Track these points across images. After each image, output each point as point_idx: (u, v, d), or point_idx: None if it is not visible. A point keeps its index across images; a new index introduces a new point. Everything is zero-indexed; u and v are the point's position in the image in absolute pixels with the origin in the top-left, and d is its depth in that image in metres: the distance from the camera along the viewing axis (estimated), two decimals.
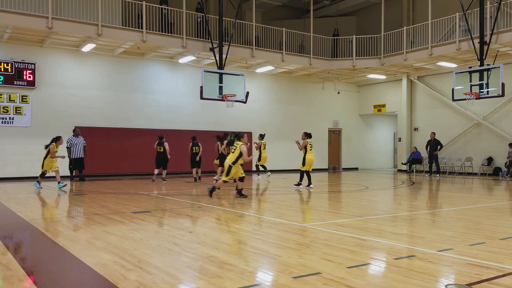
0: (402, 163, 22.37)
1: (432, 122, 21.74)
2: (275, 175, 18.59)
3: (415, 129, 22.84)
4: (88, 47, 16.75)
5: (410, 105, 22.91)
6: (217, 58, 16.99)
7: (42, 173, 12.89)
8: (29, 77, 16.44)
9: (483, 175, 19.33)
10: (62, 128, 16.51)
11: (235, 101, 16.48)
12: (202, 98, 16.07)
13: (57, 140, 12.98)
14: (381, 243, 5.67)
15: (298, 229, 6.73)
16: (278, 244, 5.71)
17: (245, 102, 17.08)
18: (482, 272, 4.31)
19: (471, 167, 19.95)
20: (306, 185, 13.37)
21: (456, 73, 16.99)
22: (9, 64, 16.12)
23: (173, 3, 18.49)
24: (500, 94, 15.57)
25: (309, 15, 21.04)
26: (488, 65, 16.07)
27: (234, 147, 10.47)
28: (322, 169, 23.38)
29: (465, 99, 16.58)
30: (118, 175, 18.00)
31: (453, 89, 17.00)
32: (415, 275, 4.18)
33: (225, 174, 10.50)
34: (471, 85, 16.19)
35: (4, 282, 3.98)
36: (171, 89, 19.63)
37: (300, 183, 13.41)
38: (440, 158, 20.26)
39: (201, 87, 15.90)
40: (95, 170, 17.35)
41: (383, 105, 24.28)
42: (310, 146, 13.36)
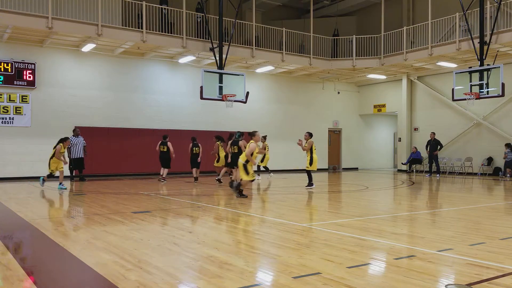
0: (402, 163, 22.37)
1: (432, 122, 21.74)
2: (275, 175, 18.59)
3: (415, 129, 22.84)
4: (88, 47, 16.76)
5: (410, 105, 22.92)
6: (217, 58, 16.99)
7: (50, 174, 12.78)
8: (29, 77, 16.45)
9: (483, 175, 19.33)
10: (62, 128, 16.52)
11: (235, 101, 16.48)
12: (202, 98, 16.07)
13: (64, 141, 12.88)
14: (381, 243, 5.67)
15: (298, 229, 6.73)
16: (278, 244, 5.71)
17: (245, 102, 17.08)
18: (482, 272, 4.31)
19: (471, 167, 19.95)
20: (306, 185, 13.36)
21: (456, 73, 17.00)
22: (9, 64, 16.12)
23: (173, 3, 18.49)
24: (500, 94, 15.57)
25: (309, 15, 21.04)
26: (488, 65, 16.07)
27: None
28: (322, 169, 23.37)
29: (465, 99, 16.58)
30: (118, 175, 18.00)
31: (453, 89, 17.01)
32: (415, 275, 4.18)
33: (245, 173, 10.39)
34: (471, 85, 16.19)
35: (4, 282, 3.98)
36: (171, 89, 19.63)
37: (311, 183, 13.33)
38: (440, 158, 20.26)
39: (201, 87, 15.91)
40: (95, 170, 17.35)
41: (383, 105, 24.28)
42: (314, 146, 13.36)
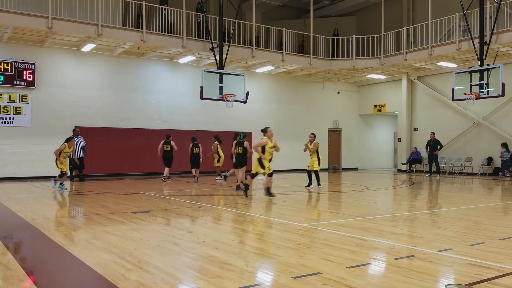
0: (402, 163, 22.37)
1: (432, 122, 21.74)
2: (275, 175, 18.55)
3: (415, 129, 22.84)
4: (88, 47, 16.75)
5: (410, 105, 22.92)
6: (217, 58, 16.99)
7: (61, 173, 12.50)
8: (29, 77, 16.44)
9: (483, 175, 19.33)
10: (62, 128, 16.53)
11: (235, 101, 16.48)
12: (202, 98, 16.07)
13: (69, 140, 12.76)
14: (381, 243, 5.67)
15: (298, 229, 6.73)
16: (278, 244, 5.71)
17: (245, 102, 17.08)
18: (482, 272, 4.31)
19: (471, 167, 19.95)
20: (306, 185, 13.37)
21: (456, 73, 16.99)
22: (9, 64, 16.12)
23: (173, 3, 18.49)
24: (500, 94, 15.57)
25: (309, 15, 21.04)
26: (488, 65, 16.07)
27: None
28: (322, 169, 23.28)
29: (465, 99, 16.58)
30: (118, 175, 18.00)
31: (453, 89, 17.00)
32: (415, 275, 4.18)
33: (261, 167, 10.33)
34: (471, 85, 16.19)
35: (4, 282, 3.98)
36: (171, 89, 19.63)
37: (319, 183, 13.30)
38: (440, 158, 20.26)
39: (201, 87, 15.90)
40: (95, 170, 17.35)
41: (383, 105, 24.28)
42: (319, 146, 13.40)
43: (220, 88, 16.24)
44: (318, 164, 13.22)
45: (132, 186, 13.92)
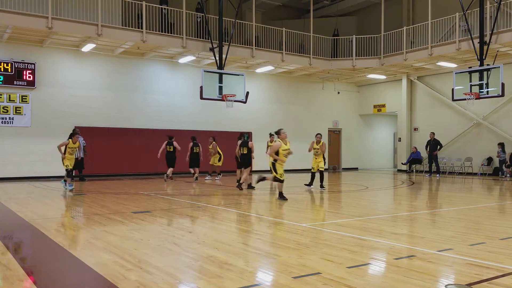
0: (402, 163, 22.37)
1: (432, 122, 21.74)
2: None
3: (415, 129, 22.84)
4: (88, 47, 16.75)
5: (410, 105, 22.91)
6: (217, 58, 16.99)
7: (68, 171, 12.15)
8: (29, 77, 16.44)
9: (483, 175, 19.33)
10: (62, 128, 16.52)
11: (235, 101, 16.48)
12: (202, 98, 16.06)
13: (73, 135, 12.36)
14: (381, 243, 5.67)
15: (298, 229, 6.73)
16: (278, 244, 5.71)
17: (245, 102, 17.08)
18: (482, 272, 4.31)
19: (471, 167, 19.95)
20: (307, 183, 13.33)
21: (456, 73, 16.99)
22: (9, 64, 16.12)
23: (173, 3, 18.49)
24: (500, 94, 15.57)
25: (309, 15, 21.04)
26: (488, 65, 16.07)
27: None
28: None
29: (465, 99, 16.58)
30: (118, 175, 17.99)
31: (453, 89, 17.00)
32: (415, 275, 4.18)
33: (274, 173, 10.24)
34: (471, 85, 16.19)
35: (4, 282, 3.98)
36: (171, 89, 19.63)
37: (322, 184, 13.22)
38: (440, 158, 20.26)
39: (201, 87, 15.90)
40: (95, 170, 17.34)
41: (383, 105, 24.28)
42: None
43: (220, 88, 16.24)
44: (324, 163, 13.25)
45: (132, 186, 13.92)
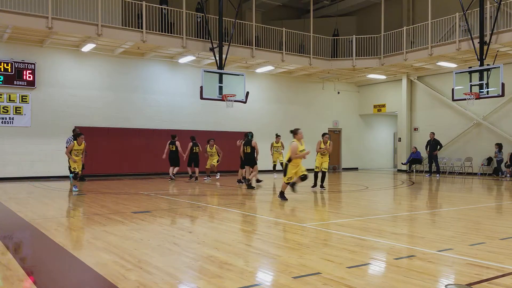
0: (402, 163, 22.37)
1: (432, 122, 21.74)
2: (276, 175, 18.57)
3: (415, 129, 22.84)
4: (88, 47, 16.75)
5: (410, 105, 22.91)
6: (217, 58, 16.99)
7: (74, 174, 12.06)
8: (29, 77, 16.44)
9: (483, 175, 19.33)
10: (62, 128, 16.53)
11: (235, 101, 16.48)
12: (202, 98, 16.07)
13: (78, 136, 12.16)
14: (381, 243, 5.67)
15: (298, 229, 6.73)
16: (278, 244, 5.71)
17: (245, 102, 17.09)
18: (482, 272, 4.31)
19: (471, 167, 19.95)
20: (311, 185, 13.25)
21: (456, 73, 16.99)
22: (9, 64, 16.12)
23: (173, 3, 18.49)
24: (500, 94, 15.57)
25: (309, 15, 21.04)
26: (488, 65, 16.07)
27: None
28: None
29: (465, 99, 16.58)
30: (118, 175, 18.00)
31: (453, 89, 17.00)
32: (415, 275, 4.18)
33: (283, 174, 10.19)
34: (471, 85, 16.19)
35: (4, 282, 3.98)
36: (171, 89, 19.63)
37: (322, 184, 13.06)
38: (440, 158, 20.26)
39: (201, 87, 15.90)
40: (95, 170, 17.34)
41: (383, 105, 24.28)
42: None
43: (220, 88, 16.24)
44: (327, 165, 13.29)
45: (132, 186, 13.91)
